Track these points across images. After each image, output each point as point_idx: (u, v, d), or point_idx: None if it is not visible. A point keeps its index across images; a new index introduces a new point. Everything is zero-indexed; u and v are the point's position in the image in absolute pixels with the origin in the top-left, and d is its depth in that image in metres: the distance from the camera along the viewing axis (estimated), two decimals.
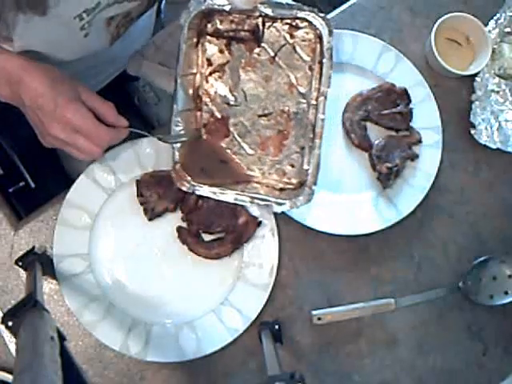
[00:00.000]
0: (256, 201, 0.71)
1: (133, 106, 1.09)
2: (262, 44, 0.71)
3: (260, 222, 0.74)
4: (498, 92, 0.84)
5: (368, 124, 0.79)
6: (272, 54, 0.71)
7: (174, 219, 0.75)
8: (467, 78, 0.82)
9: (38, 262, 0.68)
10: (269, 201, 0.71)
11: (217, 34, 0.72)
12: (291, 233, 0.77)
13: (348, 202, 0.77)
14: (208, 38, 0.72)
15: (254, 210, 0.75)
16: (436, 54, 0.80)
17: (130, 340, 0.71)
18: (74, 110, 0.64)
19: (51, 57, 0.69)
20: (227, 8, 0.69)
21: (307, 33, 0.70)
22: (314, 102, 0.70)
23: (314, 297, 0.76)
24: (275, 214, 0.74)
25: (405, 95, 0.79)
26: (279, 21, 0.70)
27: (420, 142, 0.79)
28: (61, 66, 0.67)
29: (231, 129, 0.73)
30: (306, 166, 0.70)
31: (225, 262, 0.74)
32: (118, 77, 1.00)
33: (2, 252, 0.75)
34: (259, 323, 0.71)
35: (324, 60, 0.68)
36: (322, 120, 0.69)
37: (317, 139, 0.69)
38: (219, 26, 0.71)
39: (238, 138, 0.73)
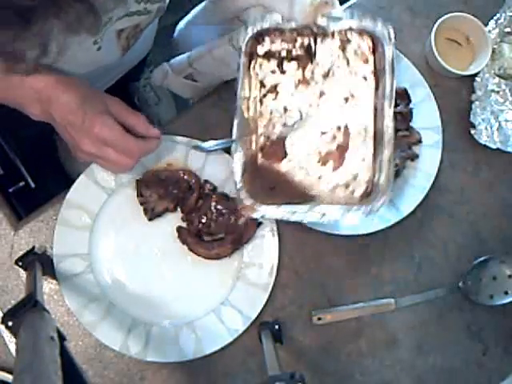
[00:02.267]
0: (326, 216, 0.65)
1: (133, 105, 1.09)
2: (315, 61, 0.70)
3: (260, 223, 0.74)
4: (498, 92, 0.84)
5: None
6: (326, 69, 0.70)
7: (174, 219, 0.75)
8: (467, 78, 0.82)
9: (38, 262, 0.68)
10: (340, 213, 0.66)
11: (268, 55, 0.70)
12: (291, 233, 0.77)
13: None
14: (259, 60, 0.70)
15: None
16: (436, 54, 0.80)
17: (130, 340, 0.71)
18: (101, 122, 0.64)
19: (64, 70, 0.69)
20: (284, 25, 0.68)
21: (360, 45, 0.69)
22: (372, 112, 0.69)
23: (314, 297, 0.76)
24: None
25: (405, 95, 0.79)
26: (331, 36, 0.69)
27: (420, 141, 0.79)
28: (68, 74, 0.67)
29: (288, 150, 0.70)
30: (374, 177, 0.67)
31: (225, 262, 0.74)
32: (118, 79, 1.00)
33: (2, 252, 0.75)
34: (259, 323, 0.71)
35: (385, 68, 0.67)
36: (388, 127, 0.66)
37: (385, 149, 0.66)
38: (270, 47, 0.70)
39: (298, 159, 0.70)
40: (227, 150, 0.76)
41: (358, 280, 0.78)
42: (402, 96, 0.79)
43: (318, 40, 0.70)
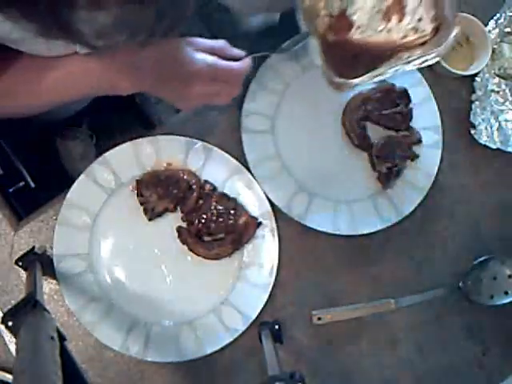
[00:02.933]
0: (411, 64, 0.69)
1: (133, 105, 1.09)
2: None
3: (260, 223, 0.74)
4: (498, 92, 0.84)
5: (368, 124, 0.79)
6: None
7: (174, 219, 0.75)
8: (467, 78, 0.82)
9: (38, 262, 0.68)
10: (421, 56, 0.68)
11: None
12: (291, 233, 0.77)
13: (348, 201, 0.77)
14: None
15: (254, 211, 0.75)
16: None
17: (130, 340, 0.71)
18: (202, 61, 0.64)
19: None
20: None
21: None
22: None
23: (314, 297, 0.76)
24: (275, 214, 0.74)
25: (405, 95, 0.79)
26: None
27: (420, 141, 0.79)
28: None
29: (352, 18, 0.71)
30: (432, 12, 0.69)
31: (225, 262, 0.74)
32: None
33: (1, 252, 0.75)
34: (259, 323, 0.71)
35: None
36: None
37: None
38: None
39: (362, 22, 0.72)
40: (227, 150, 0.76)
41: (358, 280, 0.78)
42: (402, 96, 0.79)
43: None
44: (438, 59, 0.68)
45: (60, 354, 0.52)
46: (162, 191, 0.74)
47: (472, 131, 0.81)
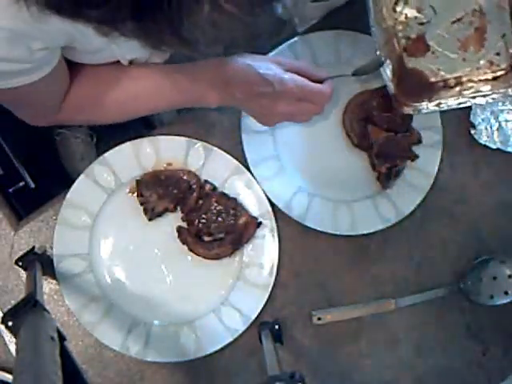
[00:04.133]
0: (478, 98, 0.71)
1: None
2: None
3: (260, 223, 0.74)
4: None
5: (368, 124, 0.79)
6: None
7: (174, 219, 0.75)
8: None
9: (38, 262, 0.68)
10: (490, 93, 0.71)
11: None
12: (291, 233, 0.77)
13: (348, 201, 0.77)
14: None
15: (254, 211, 0.75)
16: None
17: (130, 340, 0.71)
18: (291, 81, 0.66)
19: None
20: None
21: None
22: None
23: (314, 297, 0.76)
24: (275, 214, 0.74)
25: None
26: None
27: (420, 142, 0.79)
28: None
29: (429, 43, 0.74)
30: (511, 50, 0.72)
31: (225, 262, 0.74)
32: None
33: (1, 252, 0.75)
34: (259, 323, 0.71)
35: None
36: None
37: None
38: None
39: (439, 48, 0.74)
40: (227, 150, 0.76)
41: (358, 280, 0.78)
42: None
43: None
44: (507, 99, 0.70)
45: (60, 354, 0.52)
46: (161, 191, 0.74)
47: (472, 131, 0.81)
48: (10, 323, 0.56)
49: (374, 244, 0.78)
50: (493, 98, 0.71)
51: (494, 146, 0.81)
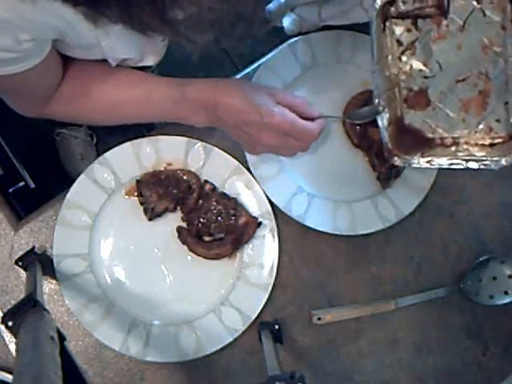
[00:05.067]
0: (471, 163, 0.70)
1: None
2: (449, 15, 0.71)
3: (260, 223, 0.74)
4: None
5: (368, 124, 0.79)
6: (461, 23, 0.71)
7: (174, 219, 0.75)
8: None
9: (38, 262, 0.68)
10: (484, 159, 0.70)
11: (401, 16, 0.72)
12: (291, 233, 0.77)
13: (348, 201, 0.77)
14: (393, 20, 0.72)
15: (254, 211, 0.75)
16: None
17: (130, 340, 0.71)
18: (280, 115, 0.65)
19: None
20: None
21: None
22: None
23: (314, 297, 0.76)
24: (275, 214, 0.74)
25: None
26: None
27: None
28: None
29: (431, 98, 0.73)
30: None
31: (225, 262, 0.74)
32: None
33: (1, 252, 0.75)
34: (259, 323, 0.71)
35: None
36: None
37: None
38: (403, 8, 0.72)
39: (440, 105, 0.73)
40: (227, 150, 0.76)
41: (357, 280, 0.78)
42: None
43: None
44: (494, 167, 0.69)
45: (60, 354, 0.52)
46: (162, 191, 0.74)
47: None
48: (10, 323, 0.56)
49: (374, 244, 0.78)
50: (485, 165, 0.69)
51: None
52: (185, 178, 0.75)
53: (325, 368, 0.75)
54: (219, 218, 0.74)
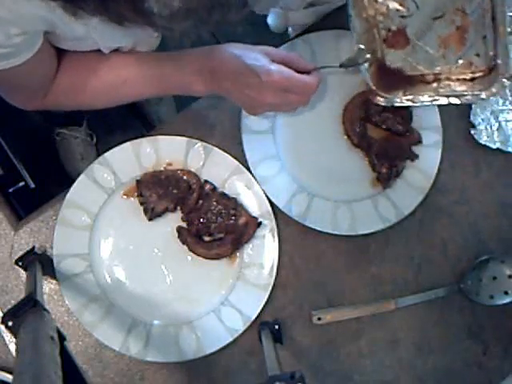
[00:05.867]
0: (452, 98, 0.71)
1: (134, 104, 1.09)
2: None
3: (260, 223, 0.74)
4: None
5: (368, 124, 0.79)
6: None
7: (174, 219, 0.75)
8: None
9: (38, 262, 0.68)
10: (465, 94, 0.71)
11: None
12: (291, 233, 0.77)
13: (348, 201, 0.77)
14: None
15: (254, 211, 0.75)
16: None
17: (130, 340, 0.71)
18: (278, 72, 0.66)
19: None
20: None
21: None
22: None
23: (314, 297, 0.76)
24: (275, 214, 0.74)
25: None
26: None
27: (420, 142, 0.79)
28: None
29: (410, 37, 0.73)
30: (491, 52, 0.71)
31: (225, 262, 0.74)
32: None
33: (1, 252, 0.75)
34: (259, 323, 0.71)
35: None
36: (502, 5, 0.69)
37: (500, 26, 0.69)
38: None
39: (419, 43, 0.73)
40: (227, 150, 0.76)
41: (358, 280, 0.78)
42: None
43: None
44: (479, 101, 0.69)
45: (60, 353, 0.52)
46: (162, 191, 0.74)
47: (472, 131, 0.81)
48: (10, 323, 0.56)
49: (374, 244, 0.78)
50: (466, 99, 0.71)
51: (494, 146, 0.81)
52: (185, 178, 0.75)
53: (325, 368, 0.75)
54: (219, 218, 0.74)
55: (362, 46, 0.71)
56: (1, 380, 0.72)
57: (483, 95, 0.70)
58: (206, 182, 0.75)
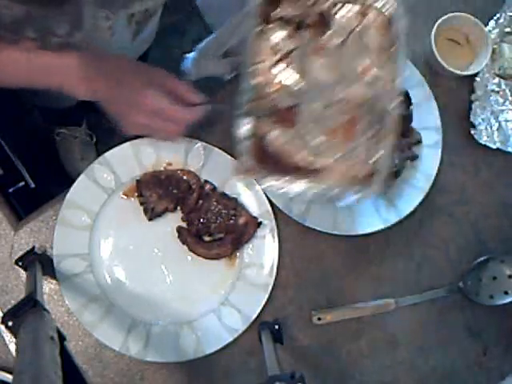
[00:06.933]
0: (328, 190, 0.65)
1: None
2: (332, 29, 0.67)
3: (260, 223, 0.74)
4: (497, 92, 0.84)
5: None
6: (341, 39, 0.67)
7: (174, 219, 0.75)
8: (467, 78, 0.82)
9: (37, 262, 0.68)
10: (342, 190, 0.65)
11: (285, 20, 0.68)
12: (291, 233, 0.77)
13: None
14: (276, 23, 0.68)
15: (254, 211, 0.75)
16: (436, 54, 0.80)
17: (130, 340, 0.71)
18: (150, 94, 0.66)
19: None
20: None
21: (377, 17, 0.66)
22: (385, 89, 0.66)
23: (314, 297, 0.76)
24: (275, 214, 0.74)
25: (406, 97, 0.78)
26: (349, 5, 0.66)
27: (420, 142, 0.79)
28: None
29: (299, 117, 0.68)
30: (374, 158, 0.65)
31: (225, 262, 0.74)
32: None
33: (2, 252, 0.75)
34: (259, 323, 0.71)
35: (397, 45, 0.65)
36: (394, 109, 0.64)
37: (390, 135, 0.64)
38: (287, 11, 0.67)
39: (307, 127, 0.68)
40: (227, 150, 0.76)
41: (357, 280, 0.78)
42: (403, 98, 0.78)
43: (337, 8, 0.67)
44: (352, 201, 0.64)
45: (60, 353, 0.52)
46: (161, 191, 0.74)
47: (472, 131, 0.81)
48: (10, 323, 0.56)
49: (374, 244, 0.78)
50: (342, 196, 0.64)
51: (494, 146, 0.81)
52: (185, 178, 0.75)
53: (325, 368, 0.75)
54: (219, 218, 0.74)
55: (247, 111, 0.65)
56: (1, 380, 0.72)
57: (359, 195, 0.64)
58: (206, 181, 0.75)
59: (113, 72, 0.65)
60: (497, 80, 0.84)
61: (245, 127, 0.66)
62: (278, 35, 0.68)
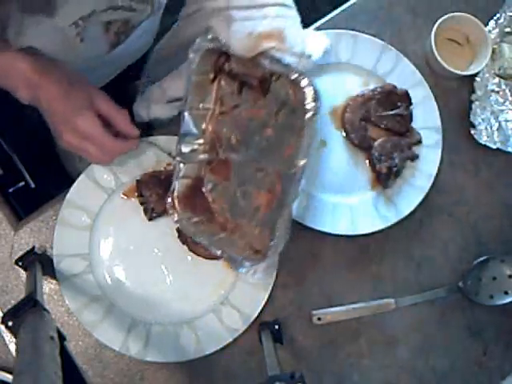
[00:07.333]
0: (224, 254, 0.68)
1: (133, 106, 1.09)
2: (268, 96, 0.66)
3: None
4: (498, 92, 0.84)
5: (368, 124, 0.79)
6: (275, 109, 0.67)
7: None
8: (467, 78, 0.82)
9: (37, 262, 0.68)
10: (235, 259, 0.67)
11: (232, 75, 0.68)
12: (291, 233, 0.76)
13: (348, 201, 0.77)
14: (225, 76, 0.68)
15: None
16: (436, 54, 0.80)
17: (130, 340, 0.71)
18: (84, 118, 0.64)
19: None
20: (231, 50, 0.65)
21: (304, 95, 0.62)
22: (292, 171, 0.63)
23: (314, 297, 0.76)
24: None
25: (406, 97, 0.79)
26: (285, 76, 0.64)
27: (420, 142, 0.79)
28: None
29: (232, 174, 0.70)
30: (273, 236, 0.65)
31: (225, 262, 0.74)
32: (117, 77, 1.00)
33: (2, 252, 0.75)
34: (259, 323, 0.71)
35: (305, 130, 0.62)
36: (293, 193, 0.63)
37: (285, 210, 0.63)
38: (234, 67, 0.67)
39: (235, 184, 0.70)
40: None
41: (357, 280, 0.78)
42: (403, 98, 0.78)
43: (275, 76, 0.66)
44: (242, 272, 0.66)
45: (60, 354, 0.52)
46: (161, 191, 0.74)
47: (472, 131, 0.81)
48: (10, 323, 0.56)
49: (374, 244, 0.78)
50: (238, 264, 0.66)
51: (494, 146, 0.81)
52: None
53: (325, 368, 0.75)
54: None
55: (185, 152, 0.67)
56: (1, 380, 0.72)
57: (245, 270, 0.65)
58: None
59: (56, 83, 0.63)
60: (497, 80, 0.84)
61: (182, 168, 0.69)
62: (228, 87, 0.69)
